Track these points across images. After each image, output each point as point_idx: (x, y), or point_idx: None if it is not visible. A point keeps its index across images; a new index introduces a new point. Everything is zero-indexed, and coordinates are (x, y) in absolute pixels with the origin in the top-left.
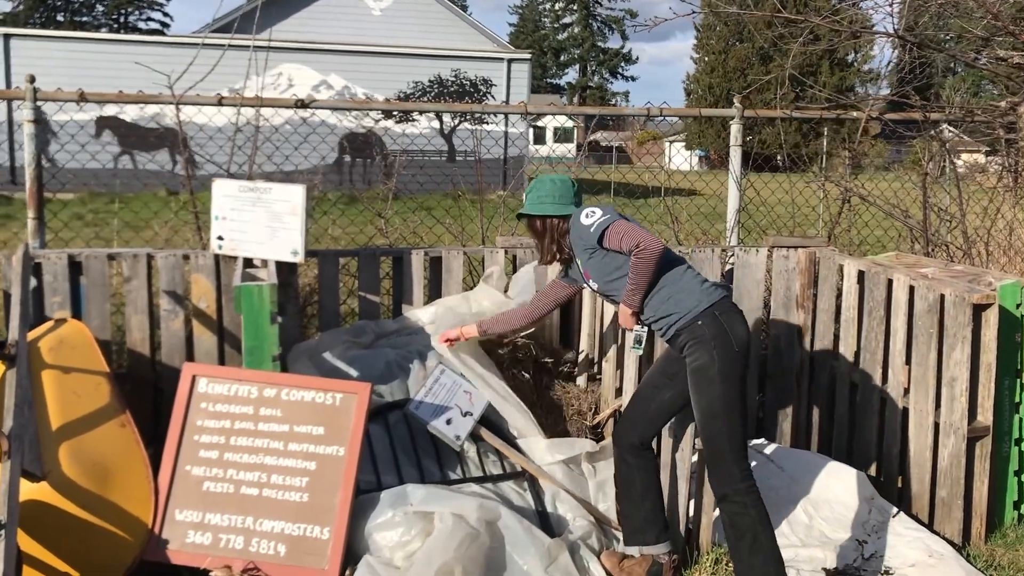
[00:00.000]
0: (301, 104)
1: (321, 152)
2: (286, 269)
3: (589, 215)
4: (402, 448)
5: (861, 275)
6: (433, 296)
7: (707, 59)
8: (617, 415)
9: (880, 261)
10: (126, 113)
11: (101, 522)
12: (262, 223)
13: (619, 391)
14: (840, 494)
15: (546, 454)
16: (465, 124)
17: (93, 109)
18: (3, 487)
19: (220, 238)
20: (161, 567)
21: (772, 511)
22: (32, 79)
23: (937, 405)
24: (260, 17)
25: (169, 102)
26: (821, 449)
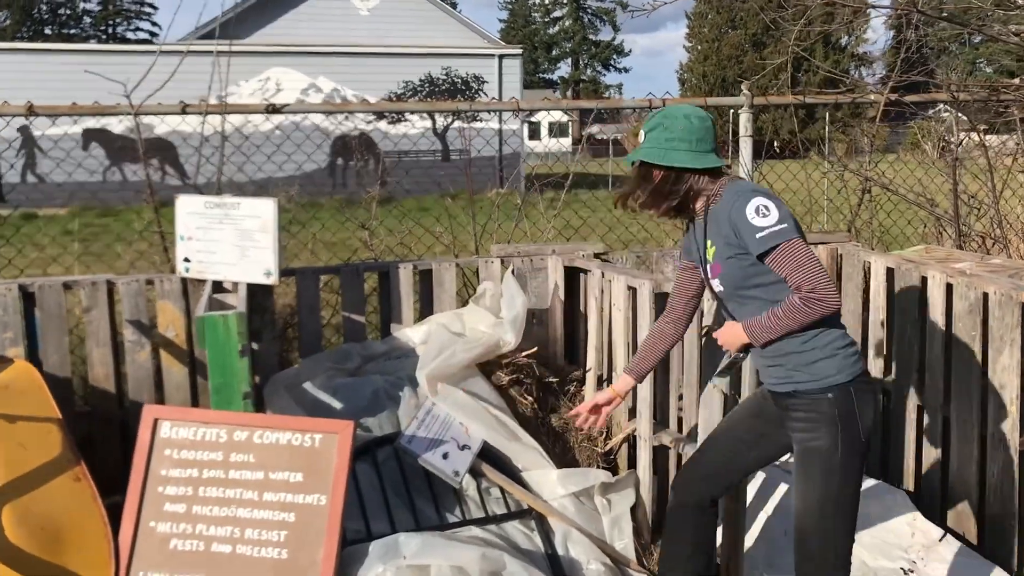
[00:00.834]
0: (273, 109)
1: (316, 160)
2: (261, 292)
3: (762, 211)
4: (393, 489)
5: (890, 272)
6: (425, 313)
7: (700, 47)
8: (631, 439)
9: (909, 256)
10: (117, 125)
11: None
12: (231, 242)
13: (632, 412)
14: (878, 516)
15: (557, 486)
16: (458, 123)
17: (85, 122)
18: None
19: (187, 260)
20: None
21: None
22: None
23: (983, 415)
24: (246, 21)
25: (127, 112)
26: None
